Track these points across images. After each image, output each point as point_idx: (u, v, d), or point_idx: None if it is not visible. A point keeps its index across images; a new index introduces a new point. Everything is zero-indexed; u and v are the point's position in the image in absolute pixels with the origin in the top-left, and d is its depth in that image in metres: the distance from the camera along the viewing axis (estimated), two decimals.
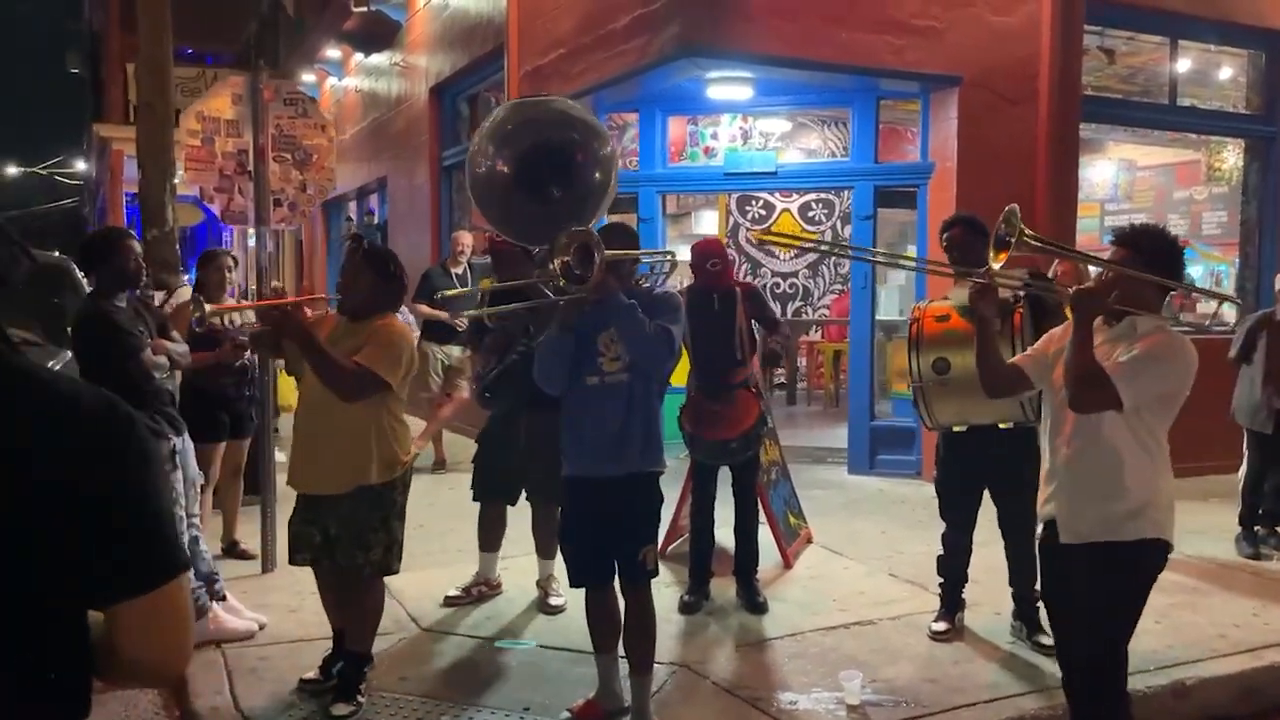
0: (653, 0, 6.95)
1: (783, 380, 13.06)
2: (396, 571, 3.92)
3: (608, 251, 3.45)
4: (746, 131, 8.61)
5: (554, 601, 4.87)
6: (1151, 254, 2.98)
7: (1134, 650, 4.31)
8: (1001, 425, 4.23)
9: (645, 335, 3.49)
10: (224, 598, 4.58)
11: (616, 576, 3.71)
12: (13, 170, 42.76)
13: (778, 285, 13.56)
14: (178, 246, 8.09)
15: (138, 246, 4.39)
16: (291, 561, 3.99)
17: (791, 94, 8.11)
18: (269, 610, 4.74)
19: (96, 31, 24.49)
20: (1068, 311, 3.05)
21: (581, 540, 3.73)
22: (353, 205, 15.77)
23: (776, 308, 13.47)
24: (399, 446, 3.82)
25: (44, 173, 38.60)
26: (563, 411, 3.71)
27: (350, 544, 3.73)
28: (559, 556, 4.90)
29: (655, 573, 3.75)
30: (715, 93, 7.65)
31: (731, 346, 4.82)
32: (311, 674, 3.98)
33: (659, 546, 5.70)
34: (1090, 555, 3.01)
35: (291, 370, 4.07)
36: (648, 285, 3.90)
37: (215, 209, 5.33)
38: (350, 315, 3.84)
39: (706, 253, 4.95)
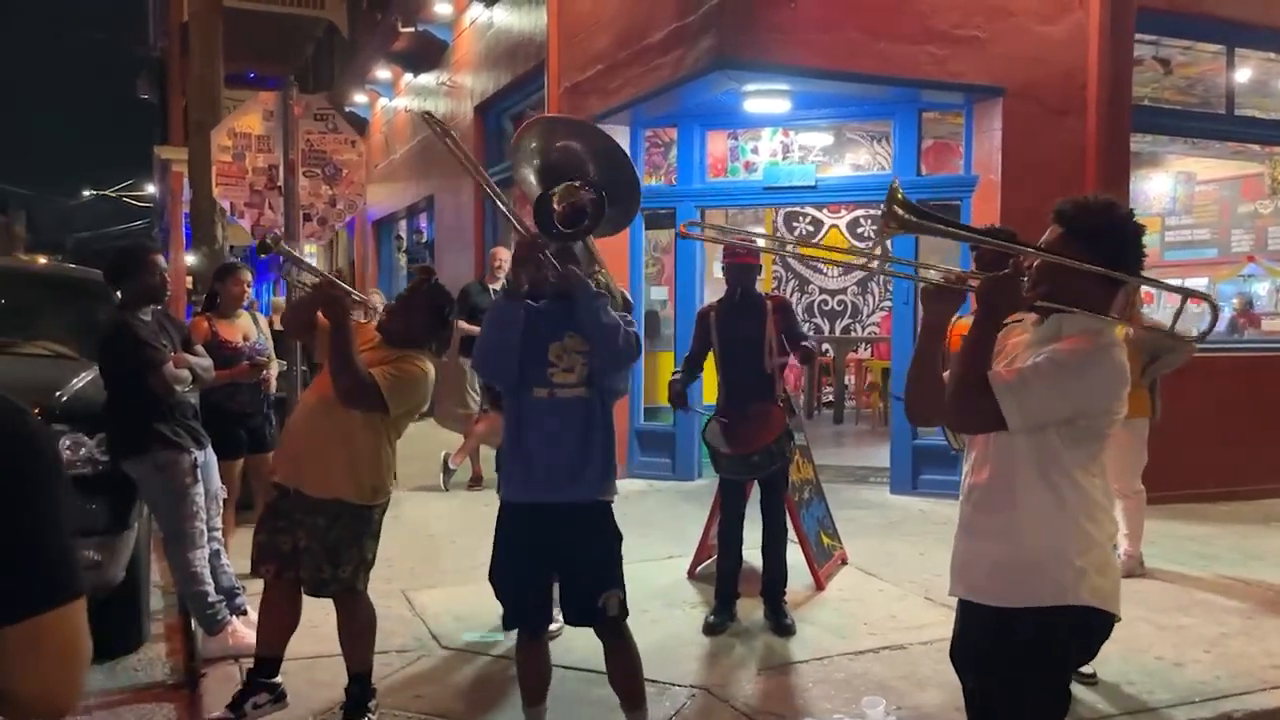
0: (687, 14, 6.90)
1: (830, 399, 12.88)
2: (362, 591, 3.76)
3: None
4: (787, 145, 8.51)
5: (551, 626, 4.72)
6: (1091, 237, 2.23)
7: (1179, 681, 4.17)
8: None
9: (615, 327, 3.14)
10: (245, 612, 4.57)
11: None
12: (86, 194, 44.19)
13: (825, 302, 13.40)
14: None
15: (163, 262, 4.41)
16: (254, 572, 3.85)
17: (832, 106, 7.99)
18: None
19: (161, 57, 25.15)
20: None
21: (520, 576, 3.32)
22: (403, 224, 15.94)
23: (825, 325, 13.41)
24: (388, 476, 3.74)
25: (115, 196, 39.78)
26: (505, 427, 3.34)
27: (320, 557, 3.57)
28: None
29: (620, 618, 3.39)
30: (752, 106, 7.57)
31: (760, 361, 4.72)
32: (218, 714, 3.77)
33: (690, 569, 5.67)
34: (984, 623, 2.36)
35: (314, 362, 3.99)
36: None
37: (245, 224, 5.37)
38: (387, 338, 3.77)
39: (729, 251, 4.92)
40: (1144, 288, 5.89)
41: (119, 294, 4.46)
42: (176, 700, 4.24)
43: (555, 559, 3.30)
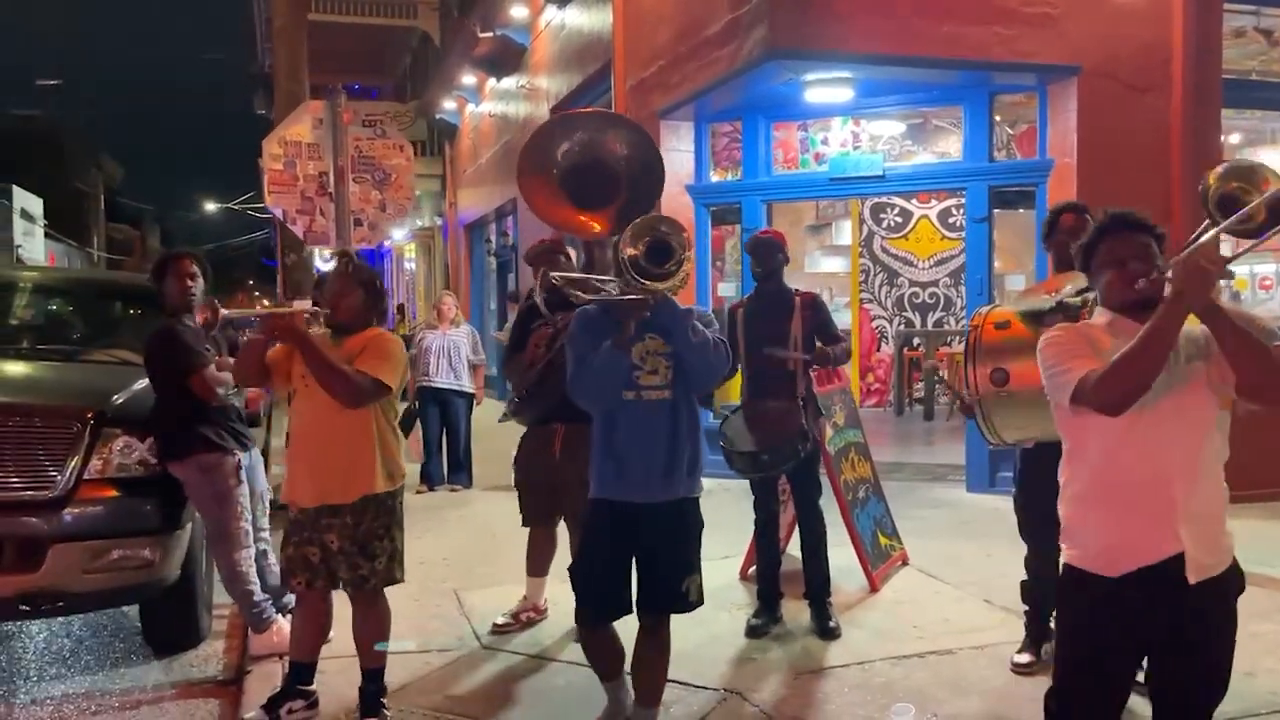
0: (741, 4, 6.79)
1: (921, 395, 12.54)
2: (401, 580, 3.84)
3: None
4: (858, 135, 8.29)
5: None
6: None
7: (1246, 691, 3.89)
8: None
9: (708, 345, 3.23)
10: (291, 612, 4.65)
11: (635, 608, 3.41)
12: (211, 207, 46.31)
13: (916, 295, 13.06)
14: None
15: (194, 268, 4.53)
16: (285, 586, 3.95)
17: (899, 94, 7.75)
18: (335, 623, 4.78)
19: (269, 74, 26.08)
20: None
21: (608, 570, 3.36)
22: (492, 227, 16.17)
23: (916, 318, 13.06)
24: (399, 455, 3.79)
25: (238, 208, 41.53)
26: (597, 430, 3.40)
27: (355, 555, 3.66)
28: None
29: (700, 602, 3.47)
30: (814, 96, 7.40)
31: (782, 358, 4.58)
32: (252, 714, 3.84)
33: (742, 569, 5.57)
34: (1224, 585, 2.47)
35: (283, 394, 4.05)
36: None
37: (298, 230, 5.48)
38: (337, 330, 3.82)
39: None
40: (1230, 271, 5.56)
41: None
42: (223, 696, 4.36)
43: (640, 551, 3.35)
